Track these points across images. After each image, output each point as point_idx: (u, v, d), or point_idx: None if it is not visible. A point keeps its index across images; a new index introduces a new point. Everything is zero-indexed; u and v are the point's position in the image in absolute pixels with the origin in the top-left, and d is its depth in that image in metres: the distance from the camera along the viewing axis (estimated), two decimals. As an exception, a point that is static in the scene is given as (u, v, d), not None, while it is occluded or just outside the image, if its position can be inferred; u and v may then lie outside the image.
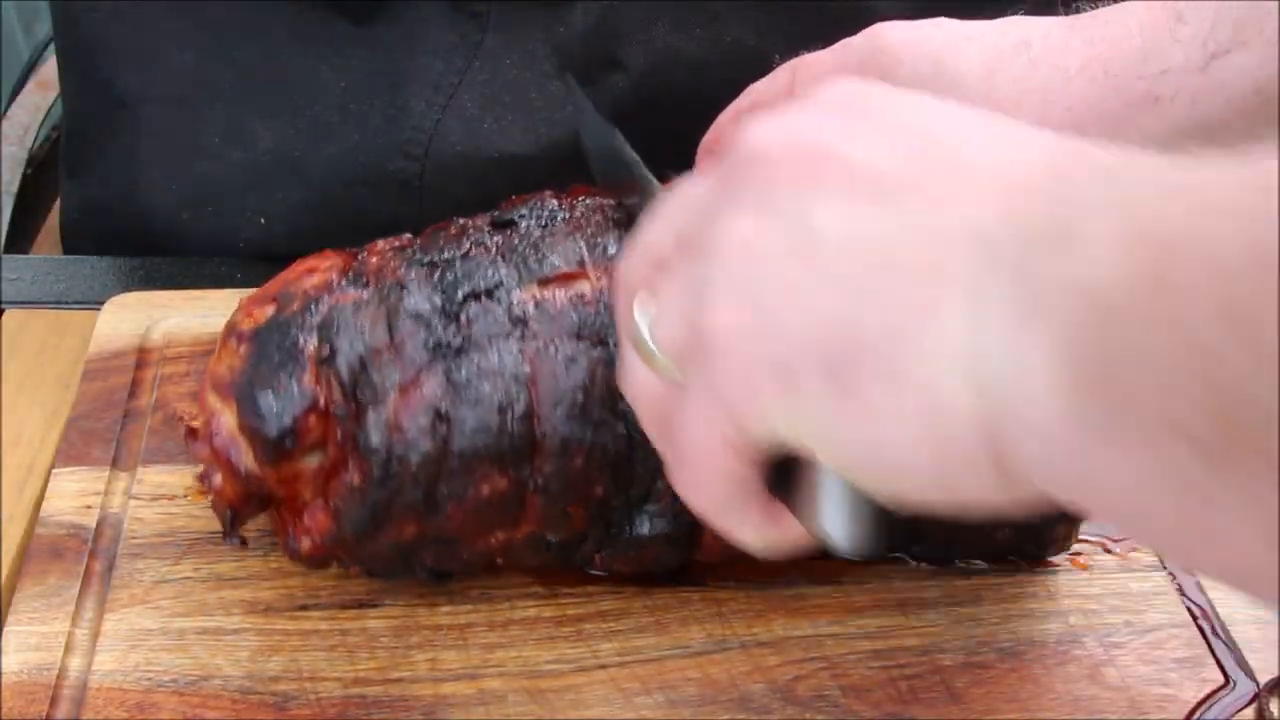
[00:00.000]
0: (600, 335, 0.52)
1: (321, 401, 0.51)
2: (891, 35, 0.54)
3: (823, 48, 0.58)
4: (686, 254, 0.39)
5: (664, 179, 0.58)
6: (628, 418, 0.52)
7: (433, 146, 0.75)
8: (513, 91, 0.75)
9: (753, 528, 0.41)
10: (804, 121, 0.38)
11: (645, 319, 0.40)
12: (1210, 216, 0.28)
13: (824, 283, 0.35)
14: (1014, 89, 0.51)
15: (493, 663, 0.54)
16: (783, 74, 0.58)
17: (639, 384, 0.42)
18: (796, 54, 0.59)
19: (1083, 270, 0.30)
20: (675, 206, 0.42)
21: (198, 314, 0.70)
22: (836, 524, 0.38)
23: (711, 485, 0.40)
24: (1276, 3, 0.48)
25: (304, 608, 0.56)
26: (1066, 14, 0.53)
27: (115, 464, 0.62)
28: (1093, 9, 0.52)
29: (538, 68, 0.75)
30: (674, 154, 0.75)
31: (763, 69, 0.63)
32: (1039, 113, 0.50)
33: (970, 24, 0.54)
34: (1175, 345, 0.28)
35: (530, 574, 0.58)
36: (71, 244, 0.86)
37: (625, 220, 0.55)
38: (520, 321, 0.52)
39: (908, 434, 0.34)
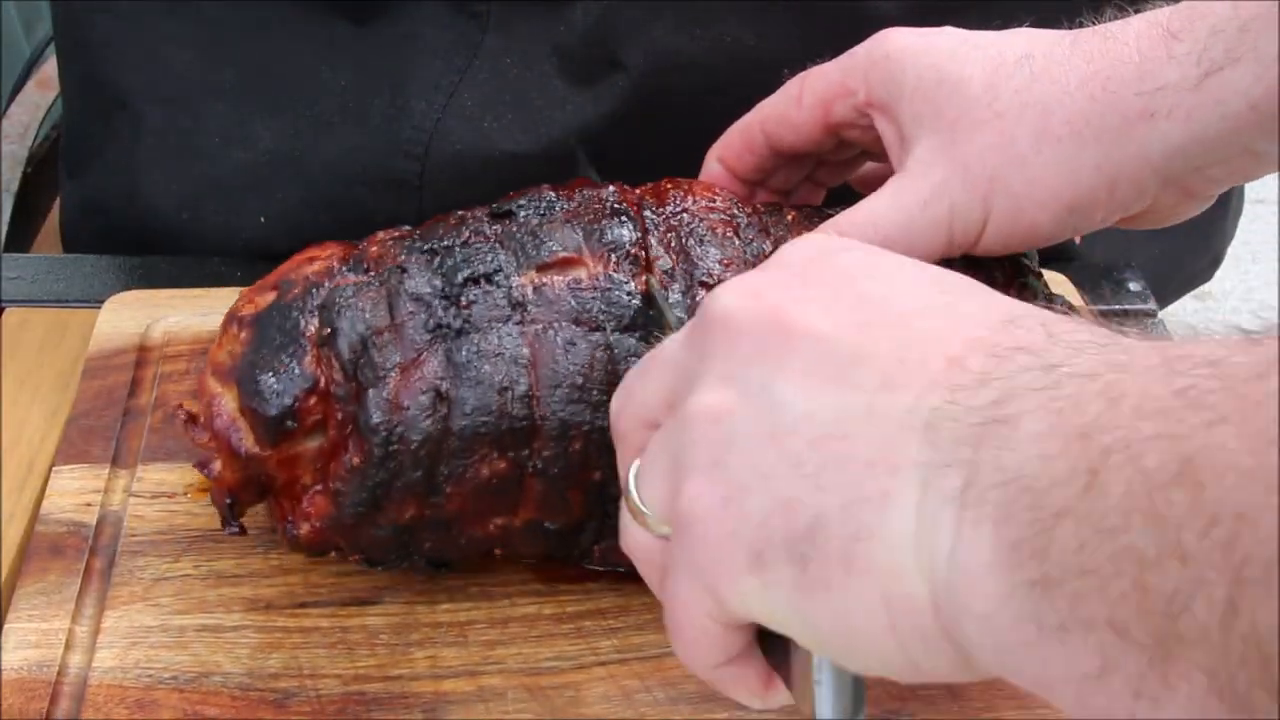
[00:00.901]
0: (597, 321, 0.53)
1: (322, 382, 0.52)
2: (896, 43, 0.55)
3: (825, 49, 0.59)
4: (669, 418, 0.40)
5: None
6: None
7: (433, 146, 0.75)
8: (513, 91, 0.75)
9: (748, 692, 0.42)
10: (768, 287, 0.39)
11: (635, 480, 0.42)
12: (1143, 422, 0.29)
13: (786, 464, 0.36)
14: (1015, 102, 0.51)
15: (492, 660, 0.55)
16: (792, 86, 0.58)
17: (634, 540, 0.43)
18: (802, 63, 0.59)
19: (1022, 464, 0.31)
20: (659, 364, 0.43)
21: (198, 312, 0.70)
22: (822, 697, 0.39)
23: (702, 651, 0.40)
24: (1267, 19, 0.48)
25: (304, 605, 0.56)
26: (1070, 27, 0.53)
27: (115, 462, 0.62)
28: (1095, 24, 0.53)
29: (538, 68, 0.75)
30: (674, 154, 0.75)
31: (763, 69, 0.63)
32: (1039, 126, 0.51)
33: (975, 34, 0.54)
34: (1113, 550, 0.29)
35: (530, 571, 0.58)
36: (71, 243, 0.86)
37: (622, 211, 0.56)
38: (519, 305, 0.53)
39: (872, 617, 0.35)
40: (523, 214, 0.56)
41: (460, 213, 0.57)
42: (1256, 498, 0.27)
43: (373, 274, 0.54)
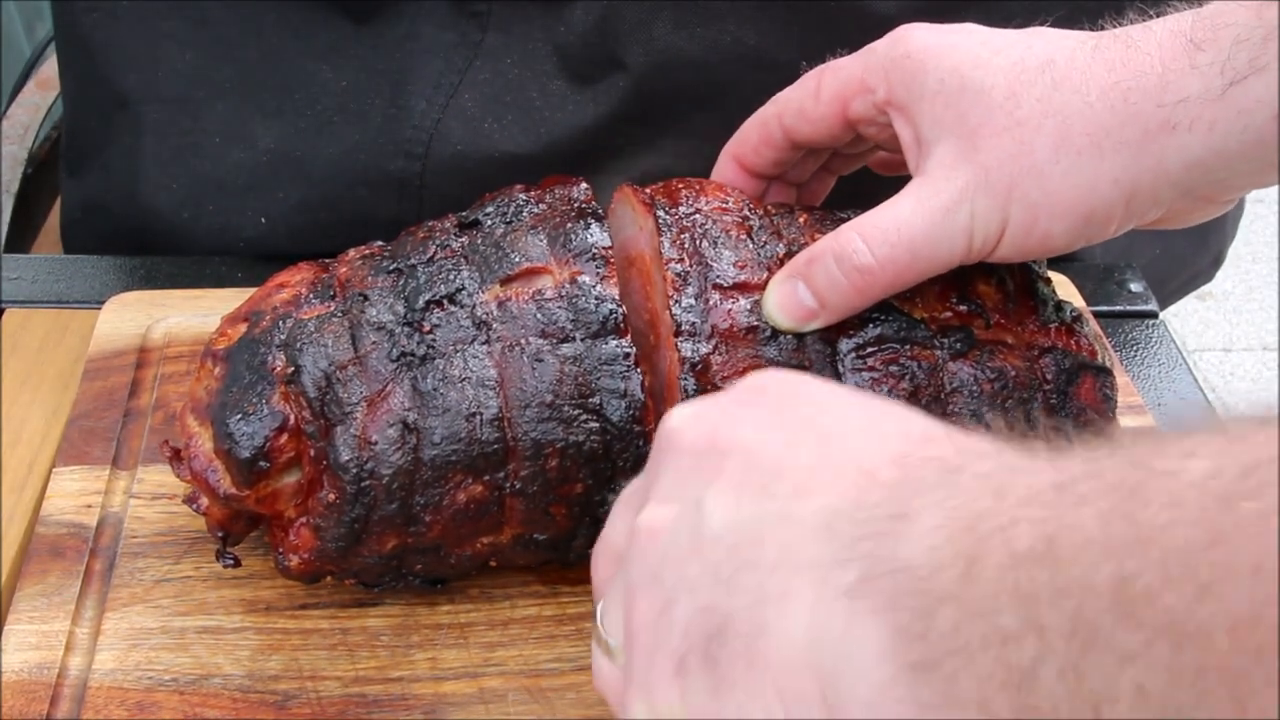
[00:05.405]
0: (565, 332, 0.52)
1: (292, 419, 0.52)
2: (917, 42, 0.54)
3: (824, 49, 0.58)
4: (628, 549, 0.42)
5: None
6: (601, 412, 0.52)
7: (433, 146, 0.75)
8: (513, 91, 0.75)
9: None
10: (713, 412, 0.42)
11: (602, 615, 0.43)
12: (1021, 510, 0.31)
13: (708, 573, 0.38)
14: (1036, 110, 0.51)
15: (493, 661, 0.55)
16: (809, 80, 0.58)
17: (602, 674, 0.43)
18: (801, 63, 0.59)
19: (912, 555, 0.33)
20: (622, 501, 0.45)
21: (198, 313, 0.70)
22: None
23: None
24: None
25: (304, 606, 0.56)
26: (1091, 29, 0.52)
27: (116, 463, 0.62)
28: (1116, 25, 0.52)
29: (538, 68, 0.75)
30: (674, 154, 0.75)
31: (763, 69, 0.63)
32: (1059, 137, 0.50)
33: (994, 34, 0.53)
34: (983, 630, 0.30)
35: (530, 572, 0.58)
36: (72, 243, 0.86)
37: (590, 211, 0.55)
38: (484, 324, 0.52)
39: (768, 712, 0.36)
40: (488, 222, 0.56)
41: (430, 223, 0.57)
42: (1100, 565, 0.28)
43: (338, 301, 0.54)
